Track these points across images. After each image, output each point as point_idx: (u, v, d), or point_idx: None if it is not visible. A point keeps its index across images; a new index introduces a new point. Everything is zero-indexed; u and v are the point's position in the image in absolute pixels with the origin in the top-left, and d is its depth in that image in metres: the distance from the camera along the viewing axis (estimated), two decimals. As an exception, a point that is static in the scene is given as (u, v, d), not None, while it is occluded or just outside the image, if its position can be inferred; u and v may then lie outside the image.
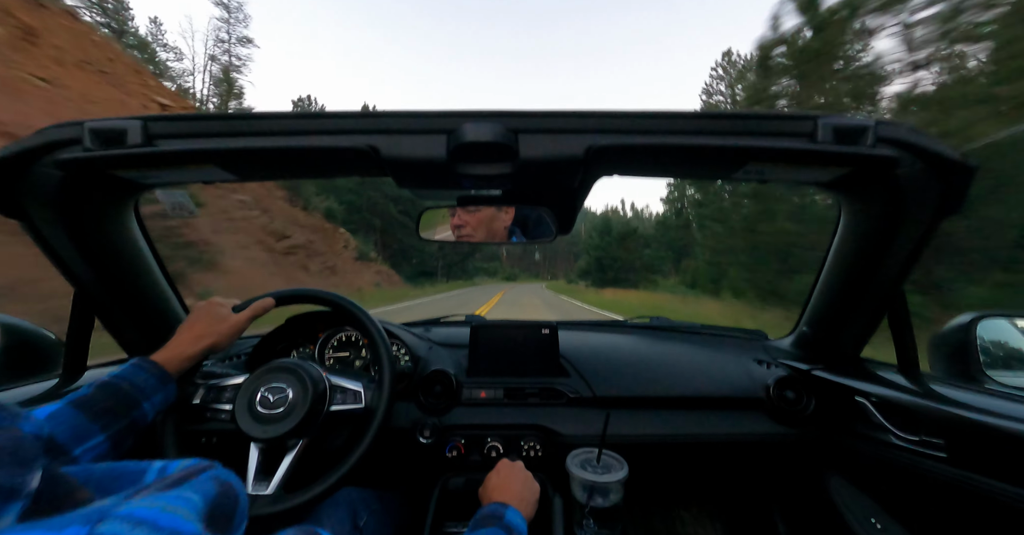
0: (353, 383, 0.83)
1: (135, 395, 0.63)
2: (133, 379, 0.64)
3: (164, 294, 1.03)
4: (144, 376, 0.65)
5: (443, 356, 1.18)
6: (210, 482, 0.36)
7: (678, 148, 0.66)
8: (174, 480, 0.34)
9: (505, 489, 0.74)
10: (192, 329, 0.75)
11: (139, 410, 0.63)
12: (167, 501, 0.30)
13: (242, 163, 0.72)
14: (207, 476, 0.36)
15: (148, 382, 0.65)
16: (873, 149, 0.64)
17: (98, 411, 0.58)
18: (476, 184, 0.84)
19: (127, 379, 0.64)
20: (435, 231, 1.04)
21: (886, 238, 0.79)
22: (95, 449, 0.56)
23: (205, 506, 0.32)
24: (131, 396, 0.63)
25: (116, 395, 0.61)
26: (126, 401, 0.62)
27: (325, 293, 0.90)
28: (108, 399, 0.60)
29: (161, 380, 0.67)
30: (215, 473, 0.38)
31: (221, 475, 0.38)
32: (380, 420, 0.79)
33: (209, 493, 0.34)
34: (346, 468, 0.74)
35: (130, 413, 0.62)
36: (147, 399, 0.65)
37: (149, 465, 0.40)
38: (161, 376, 0.67)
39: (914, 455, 0.75)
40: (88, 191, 0.75)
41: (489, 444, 1.01)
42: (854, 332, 0.99)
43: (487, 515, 0.65)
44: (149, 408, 0.65)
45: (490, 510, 0.66)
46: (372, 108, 8.10)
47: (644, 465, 0.97)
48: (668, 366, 1.16)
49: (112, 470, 0.39)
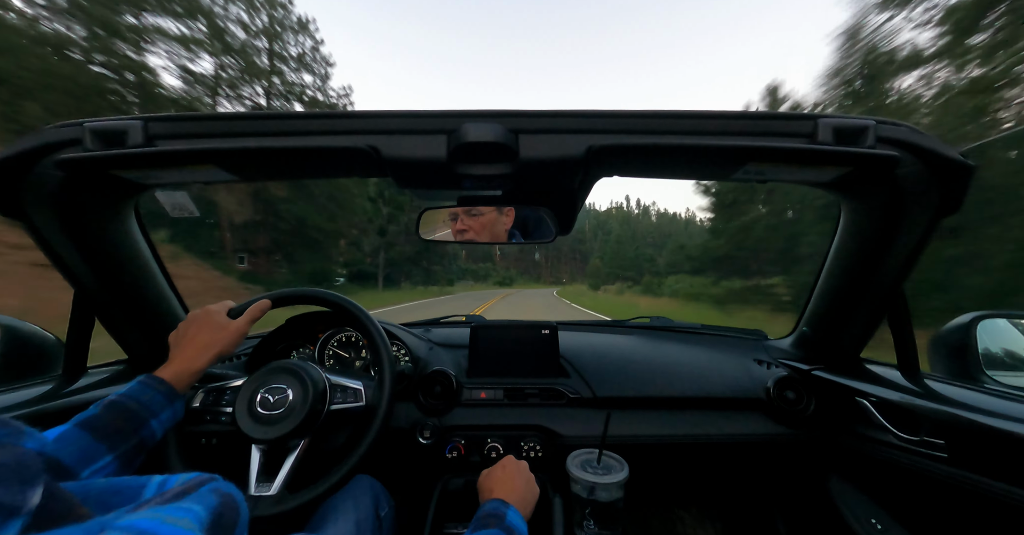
0: (353, 382, 0.83)
1: (143, 414, 0.62)
2: (140, 397, 0.63)
3: (164, 295, 1.03)
4: (151, 394, 0.65)
5: (443, 357, 1.18)
6: (211, 494, 0.35)
7: (678, 148, 0.66)
8: (174, 494, 0.34)
9: (508, 485, 0.74)
10: (195, 341, 0.73)
11: (147, 429, 0.63)
12: (168, 513, 0.29)
13: (242, 163, 0.72)
14: (208, 489, 0.36)
15: (155, 400, 0.65)
16: (873, 149, 0.64)
17: (105, 431, 0.57)
18: (476, 184, 0.84)
19: (134, 398, 0.63)
20: (435, 231, 1.04)
21: (886, 238, 0.79)
22: (103, 470, 0.56)
23: (207, 517, 0.32)
24: (139, 415, 0.62)
25: (124, 415, 0.61)
26: (134, 420, 0.61)
27: (324, 293, 0.90)
28: (115, 419, 0.60)
29: (168, 397, 0.67)
30: (216, 485, 0.37)
31: (222, 487, 0.38)
32: (383, 417, 0.78)
33: (211, 504, 0.34)
34: (349, 466, 0.74)
35: (138, 432, 0.61)
36: (155, 417, 0.64)
37: (148, 480, 0.40)
38: (168, 393, 0.67)
39: (915, 455, 0.75)
40: (88, 191, 0.75)
41: (489, 445, 1.01)
42: (854, 332, 0.99)
43: (489, 513, 0.64)
44: (157, 426, 0.65)
45: (491, 508, 0.66)
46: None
47: (644, 466, 0.96)
48: (668, 366, 1.16)
49: (111, 486, 0.39)
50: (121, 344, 1.03)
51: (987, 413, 0.65)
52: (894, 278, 0.84)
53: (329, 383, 0.80)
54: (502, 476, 0.76)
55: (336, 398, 0.80)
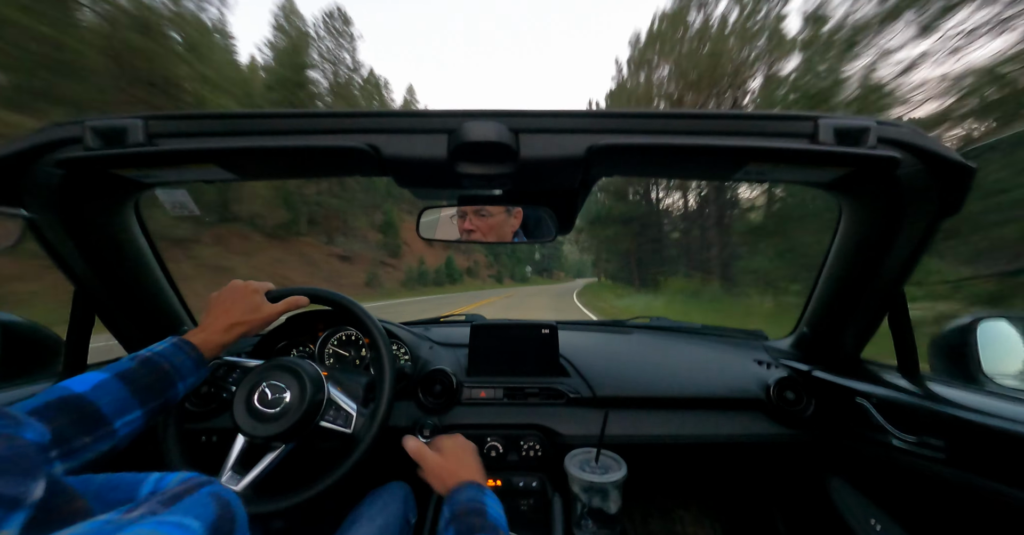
0: (349, 403, 0.81)
1: (173, 375, 0.63)
2: (173, 359, 0.64)
3: (164, 293, 1.03)
4: (183, 357, 0.65)
5: (443, 355, 1.18)
6: (209, 501, 0.35)
7: (679, 148, 0.66)
8: (172, 495, 0.34)
9: (464, 464, 0.72)
10: (228, 315, 0.73)
11: (173, 390, 0.63)
12: (165, 530, 0.29)
13: (243, 162, 0.72)
14: (205, 493, 0.36)
15: (185, 364, 0.65)
16: (874, 149, 0.64)
17: (139, 386, 0.59)
18: (476, 184, 0.84)
19: (167, 358, 0.64)
20: (435, 230, 1.04)
21: (886, 238, 0.79)
22: (132, 423, 0.57)
23: (205, 533, 0.32)
24: (170, 376, 0.63)
25: (157, 373, 0.61)
26: (165, 380, 0.62)
27: (333, 294, 0.90)
28: (148, 376, 0.60)
29: (197, 363, 0.67)
30: (213, 490, 0.37)
31: (220, 492, 0.38)
32: (361, 453, 0.76)
33: (209, 517, 0.33)
34: (314, 491, 0.72)
35: (165, 393, 0.62)
36: (183, 380, 0.65)
37: (146, 477, 0.40)
38: (198, 360, 0.67)
39: (914, 456, 0.75)
40: (89, 190, 0.75)
41: (489, 444, 1.01)
42: (854, 333, 0.99)
43: (469, 510, 0.60)
44: (183, 389, 0.65)
45: (468, 498, 0.62)
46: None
47: (643, 465, 0.96)
48: (668, 366, 1.16)
49: (109, 481, 0.39)
50: (121, 341, 1.03)
51: (987, 414, 0.65)
52: (894, 279, 0.84)
53: (328, 396, 0.78)
54: (454, 451, 0.74)
55: (328, 415, 0.78)
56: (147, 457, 0.79)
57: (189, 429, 0.95)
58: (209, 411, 0.97)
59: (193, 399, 0.94)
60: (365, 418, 0.80)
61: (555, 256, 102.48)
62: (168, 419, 0.78)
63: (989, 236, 4.37)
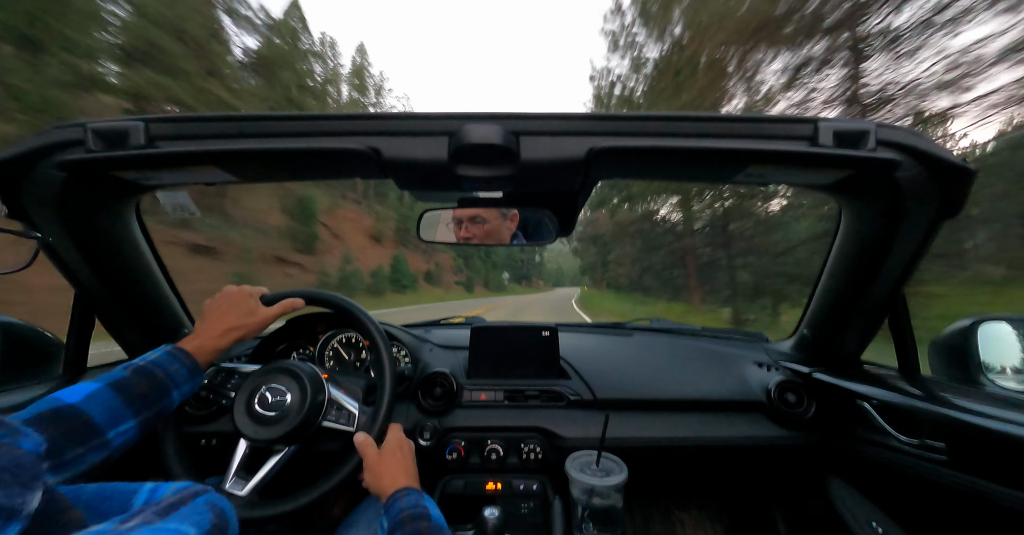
0: (351, 402, 0.81)
1: (167, 384, 0.63)
2: (167, 367, 0.64)
3: (165, 296, 1.03)
4: (177, 365, 0.65)
5: (443, 358, 1.18)
6: (205, 510, 0.35)
7: (679, 151, 0.66)
8: (168, 505, 0.34)
9: (401, 466, 0.71)
10: (223, 320, 0.73)
11: (168, 399, 0.63)
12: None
13: (243, 165, 0.72)
14: (201, 501, 0.36)
15: (180, 372, 0.65)
16: (874, 152, 0.64)
17: (133, 396, 0.58)
18: (477, 186, 0.84)
19: (161, 367, 0.63)
20: (435, 232, 1.04)
21: (886, 241, 0.79)
22: (126, 434, 0.56)
23: None
24: (164, 385, 0.62)
25: (151, 382, 0.61)
26: (159, 389, 0.61)
27: (330, 295, 0.90)
28: (142, 385, 0.60)
29: (192, 372, 0.67)
30: (208, 498, 0.37)
31: (215, 500, 0.37)
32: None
33: (205, 525, 0.33)
34: (319, 492, 0.72)
35: (159, 402, 0.61)
36: (177, 388, 0.64)
37: (140, 487, 0.40)
38: (192, 367, 0.67)
39: (915, 458, 0.75)
40: (90, 192, 0.75)
41: (489, 446, 1.01)
42: (855, 335, 0.99)
43: (411, 515, 0.60)
44: (177, 397, 0.65)
45: (409, 505, 0.62)
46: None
47: (644, 468, 0.96)
48: (668, 369, 1.16)
49: (102, 490, 0.39)
50: (121, 344, 1.03)
51: (988, 416, 0.65)
52: (894, 281, 0.84)
53: (328, 396, 0.78)
54: (393, 451, 0.74)
55: (330, 415, 0.78)
56: (144, 463, 0.79)
57: (189, 433, 0.94)
58: (209, 414, 0.97)
59: (193, 402, 0.94)
60: (368, 416, 0.81)
61: (533, 262, 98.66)
62: (167, 424, 0.77)
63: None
